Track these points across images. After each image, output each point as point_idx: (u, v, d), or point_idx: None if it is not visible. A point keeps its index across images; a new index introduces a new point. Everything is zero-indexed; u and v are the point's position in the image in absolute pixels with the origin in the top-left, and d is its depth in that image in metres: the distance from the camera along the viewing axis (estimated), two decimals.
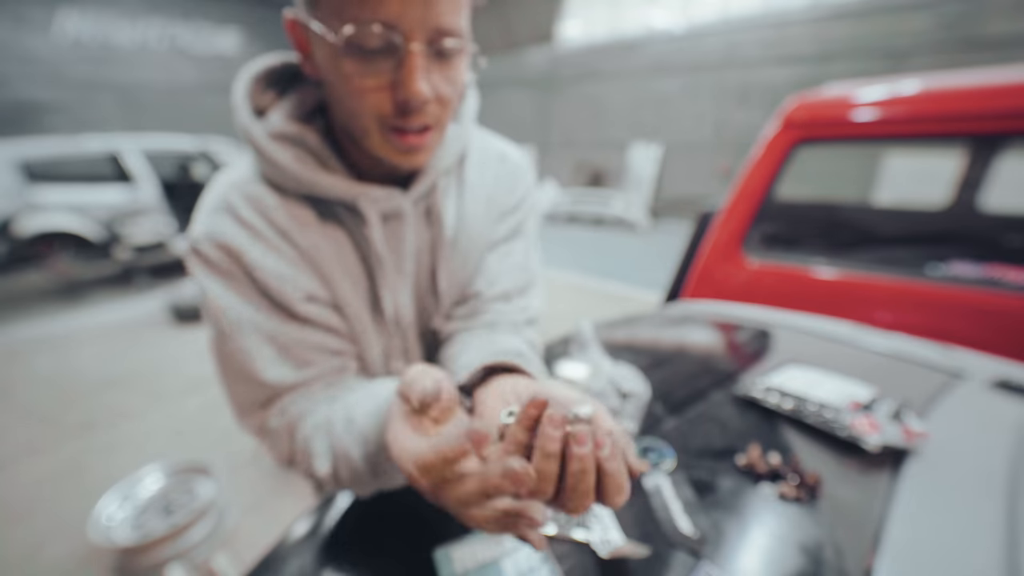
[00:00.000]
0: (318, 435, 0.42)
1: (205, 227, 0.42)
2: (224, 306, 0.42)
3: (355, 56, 0.35)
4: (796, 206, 1.91)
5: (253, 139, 0.41)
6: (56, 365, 2.81)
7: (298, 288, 0.43)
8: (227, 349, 0.43)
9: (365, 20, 0.33)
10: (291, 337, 0.44)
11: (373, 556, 0.44)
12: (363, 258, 0.47)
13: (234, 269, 0.42)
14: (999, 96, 1.02)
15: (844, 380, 0.67)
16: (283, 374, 0.43)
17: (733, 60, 6.32)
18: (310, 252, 0.44)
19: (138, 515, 1.52)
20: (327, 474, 0.41)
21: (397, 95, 0.36)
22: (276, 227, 0.43)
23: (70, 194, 3.62)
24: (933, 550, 0.43)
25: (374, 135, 0.39)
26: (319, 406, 0.44)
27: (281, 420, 0.44)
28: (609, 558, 0.42)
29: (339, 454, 0.40)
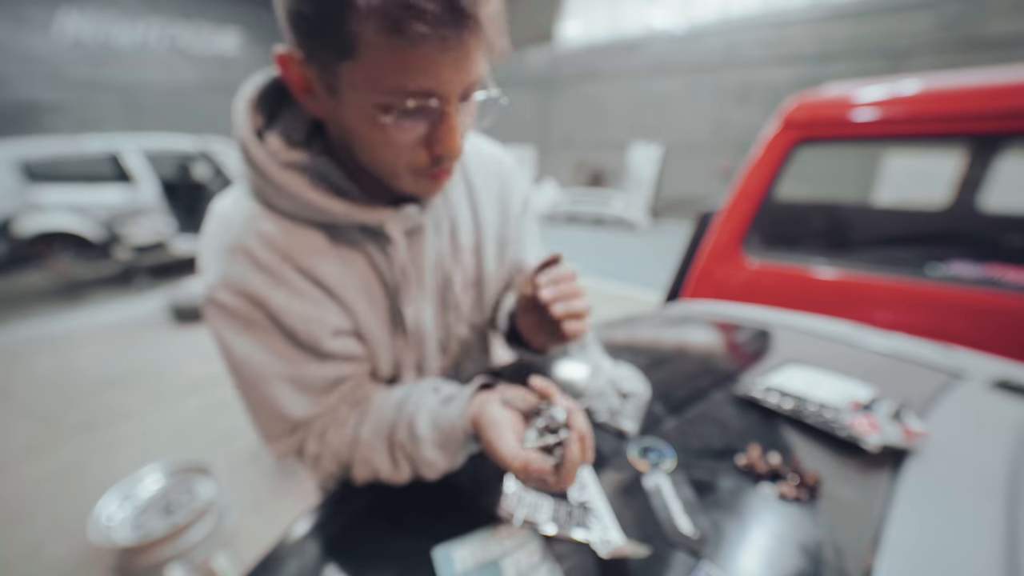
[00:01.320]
0: (375, 455, 0.48)
1: (222, 273, 0.41)
2: (245, 358, 0.43)
3: (387, 114, 0.35)
4: (796, 206, 1.91)
5: (266, 171, 0.40)
6: (56, 365, 2.81)
7: (325, 326, 0.45)
8: (254, 394, 0.46)
9: (406, 93, 0.34)
10: (313, 376, 0.46)
11: (373, 556, 0.44)
12: (380, 277, 0.48)
13: (256, 316, 0.42)
14: (999, 96, 1.02)
15: (844, 380, 0.67)
16: (308, 408, 0.47)
17: (733, 60, 6.33)
18: (329, 283, 0.45)
19: (138, 515, 1.52)
20: (398, 478, 0.48)
21: (434, 150, 0.38)
22: (295, 265, 0.43)
23: (70, 194, 3.62)
24: (933, 550, 0.43)
25: (405, 178, 0.40)
26: (347, 430, 0.49)
27: (320, 446, 0.49)
28: (609, 558, 0.42)
29: (415, 462, 0.47)
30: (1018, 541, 0.42)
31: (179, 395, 2.45)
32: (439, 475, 0.48)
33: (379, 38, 0.31)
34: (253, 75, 0.45)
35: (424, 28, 0.30)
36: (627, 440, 0.60)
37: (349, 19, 0.31)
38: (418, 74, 0.33)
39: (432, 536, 0.45)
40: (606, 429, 0.62)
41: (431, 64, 0.33)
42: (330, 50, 0.33)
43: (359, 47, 0.32)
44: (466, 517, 0.48)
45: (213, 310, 0.42)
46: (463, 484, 0.52)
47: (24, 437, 2.11)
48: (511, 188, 0.59)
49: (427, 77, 0.33)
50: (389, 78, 0.33)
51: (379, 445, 0.48)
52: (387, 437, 0.48)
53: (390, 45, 0.31)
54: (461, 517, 0.48)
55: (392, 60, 0.32)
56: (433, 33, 0.31)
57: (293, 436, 0.49)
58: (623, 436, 0.60)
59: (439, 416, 0.46)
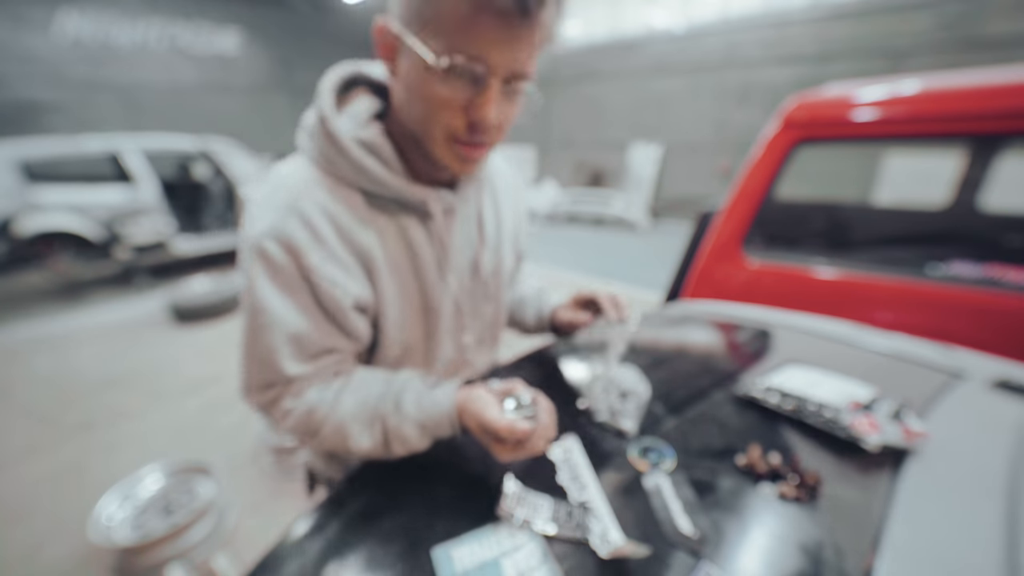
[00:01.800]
0: (354, 424, 0.51)
1: (272, 224, 0.47)
2: (265, 303, 0.48)
3: (443, 76, 0.41)
4: (796, 206, 1.91)
5: (342, 144, 0.48)
6: (56, 365, 2.81)
7: (348, 294, 0.50)
8: (258, 340, 0.49)
9: (463, 52, 0.39)
10: (315, 341, 0.51)
11: (372, 556, 0.44)
12: (409, 250, 0.54)
13: (291, 269, 0.47)
14: (999, 96, 1.02)
15: (844, 380, 0.67)
16: (300, 369, 0.51)
17: (733, 60, 6.31)
18: (364, 248, 0.51)
19: (138, 515, 1.52)
20: (367, 449, 0.52)
21: (470, 115, 0.43)
22: (337, 229, 0.49)
23: (70, 194, 3.62)
24: (933, 550, 0.43)
25: (439, 142, 0.46)
26: (329, 393, 0.52)
27: (297, 402, 0.52)
28: (609, 558, 0.42)
29: (394, 434, 0.51)
30: (1018, 541, 0.42)
31: (179, 395, 2.45)
32: (405, 453, 0.53)
33: (453, 6, 0.38)
34: (253, 71, 0.47)
35: (496, 6, 0.37)
36: (627, 440, 0.59)
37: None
38: (476, 42, 0.39)
39: (431, 536, 0.45)
40: (606, 429, 0.62)
41: (489, 36, 0.39)
42: (414, 16, 0.40)
43: (435, 13, 0.39)
44: (466, 517, 0.48)
45: (255, 255, 0.47)
46: (463, 484, 0.52)
47: (24, 437, 2.11)
48: (518, 191, 0.71)
49: (482, 45, 0.39)
50: (451, 36, 0.39)
51: (360, 414, 0.51)
52: (372, 407, 0.51)
53: (459, 13, 0.38)
54: (461, 517, 0.48)
55: (456, 25, 0.38)
56: (500, 11, 0.37)
57: (271, 390, 0.52)
58: (623, 436, 0.60)
59: (425, 396, 0.52)
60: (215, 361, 2.82)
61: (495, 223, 0.64)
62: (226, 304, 3.50)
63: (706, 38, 6.55)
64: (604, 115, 7.79)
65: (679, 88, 6.96)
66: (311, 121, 0.50)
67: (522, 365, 0.79)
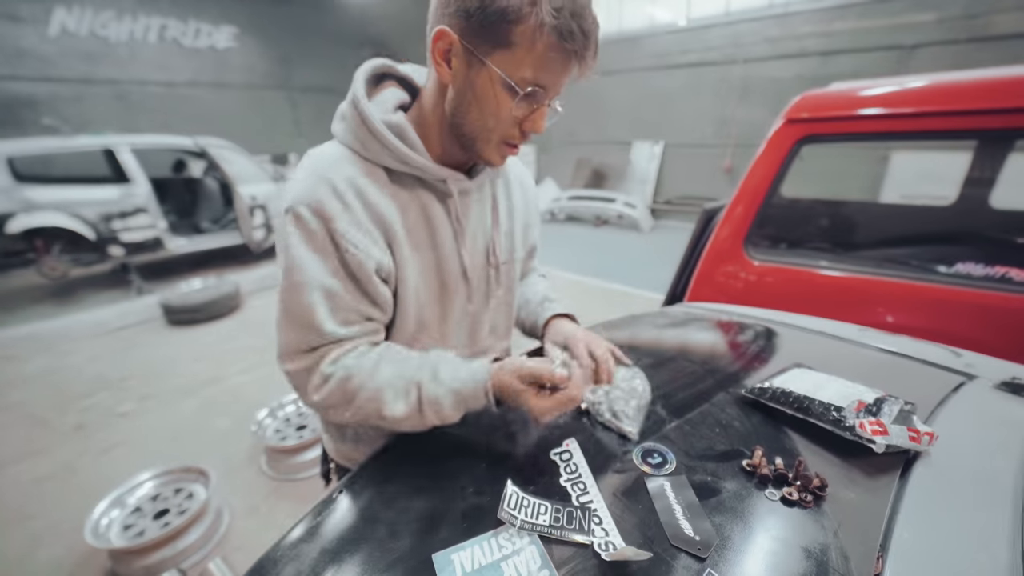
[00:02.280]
0: (390, 390, 0.54)
1: (304, 192, 0.52)
2: (300, 262, 0.52)
3: (513, 95, 0.49)
4: (800, 203, 1.90)
5: (371, 123, 0.53)
6: (51, 366, 2.79)
7: (371, 258, 0.54)
8: (294, 299, 0.53)
9: (535, 82, 0.49)
10: (347, 302, 0.55)
11: (372, 560, 0.43)
12: (429, 226, 0.59)
13: (321, 233, 0.52)
14: (1008, 91, 1.01)
15: (849, 381, 0.66)
16: (337, 328, 0.55)
17: (736, 56, 6.30)
18: (387, 220, 0.55)
19: (133, 518, 1.51)
20: (399, 416, 0.55)
21: (525, 126, 0.53)
22: (364, 201, 0.54)
23: (63, 192, 3.60)
24: (941, 553, 0.42)
25: (492, 144, 0.54)
26: (368, 362, 0.56)
27: (336, 367, 0.55)
28: (610, 561, 0.42)
29: (428, 400, 0.54)
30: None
31: (175, 397, 2.43)
32: (438, 422, 0.56)
33: (539, 45, 0.46)
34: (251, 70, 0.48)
35: (570, 49, 0.46)
36: (629, 442, 0.59)
37: (522, 27, 0.45)
38: (547, 72, 0.48)
39: (432, 540, 0.45)
40: (609, 429, 0.62)
41: (557, 71, 0.49)
42: (492, 39, 0.47)
43: (517, 45, 0.47)
44: (466, 521, 0.47)
45: (290, 219, 0.52)
46: (463, 488, 0.52)
47: (19, 439, 2.09)
48: (529, 185, 0.77)
49: (550, 75, 0.49)
50: (528, 71, 0.48)
51: (397, 381, 0.55)
52: (409, 376, 0.55)
53: (543, 52, 0.47)
54: (461, 521, 0.47)
55: (538, 60, 0.47)
56: (570, 52, 0.47)
57: (311, 355, 0.55)
58: (625, 437, 0.60)
59: (461, 366, 0.56)
60: (211, 362, 2.80)
61: (507, 211, 0.69)
62: (217, 306, 3.47)
63: (708, 34, 6.54)
64: (605, 113, 7.77)
65: (681, 85, 6.95)
66: (344, 106, 0.56)
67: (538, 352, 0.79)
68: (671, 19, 6.93)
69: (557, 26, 0.45)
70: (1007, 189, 1.53)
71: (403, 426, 0.56)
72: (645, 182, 7.34)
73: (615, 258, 5.25)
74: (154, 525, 1.46)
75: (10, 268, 3.68)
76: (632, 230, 6.64)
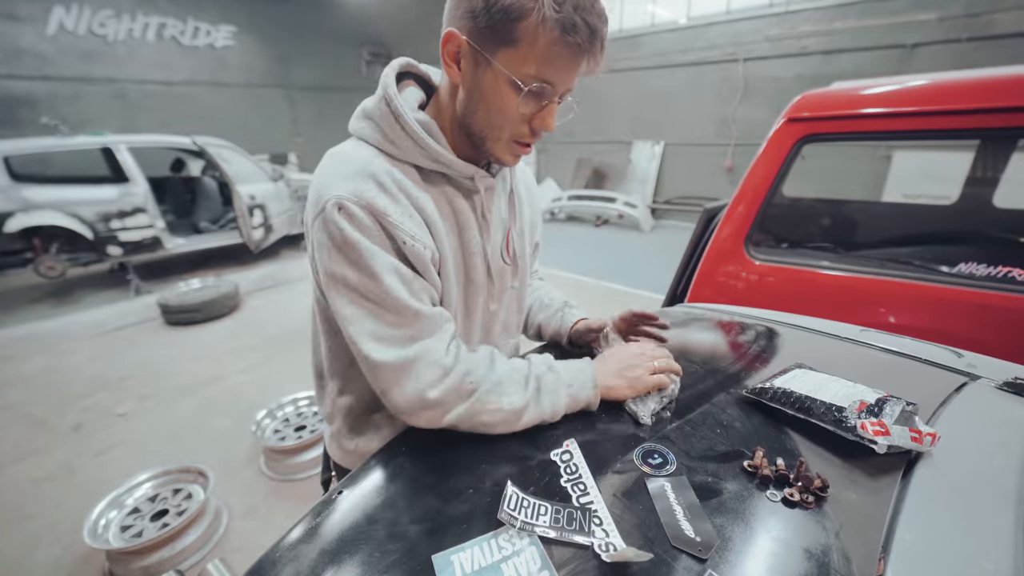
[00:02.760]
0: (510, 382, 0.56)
1: (351, 189, 0.51)
2: (375, 251, 0.51)
3: (522, 95, 0.49)
4: (802, 203, 1.89)
5: (405, 121, 0.53)
6: (49, 366, 2.79)
7: (427, 247, 0.55)
8: (375, 287, 0.51)
9: (542, 79, 0.48)
10: (419, 284, 0.55)
11: (372, 561, 0.43)
12: (456, 221, 0.60)
13: (374, 226, 0.52)
14: (1010, 90, 1.01)
15: (851, 382, 0.66)
16: (420, 305, 0.54)
17: (737, 55, 6.29)
18: (427, 213, 0.56)
19: (132, 518, 1.50)
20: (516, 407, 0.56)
21: (535, 124, 0.53)
22: (406, 194, 0.54)
23: (61, 191, 3.59)
24: (944, 555, 0.42)
25: (502, 143, 0.54)
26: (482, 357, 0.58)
27: (453, 358, 0.54)
28: (611, 562, 0.41)
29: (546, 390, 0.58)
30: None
31: (174, 397, 2.43)
32: (549, 415, 0.58)
33: (542, 40, 0.46)
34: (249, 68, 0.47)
35: (574, 44, 0.46)
36: (630, 443, 0.59)
37: (525, 23, 0.45)
38: (552, 70, 0.48)
39: (432, 541, 0.44)
40: (625, 409, 0.63)
41: (563, 66, 0.48)
42: (497, 38, 0.47)
43: (521, 42, 0.46)
44: (466, 522, 0.47)
45: (344, 215, 0.50)
46: (463, 489, 0.51)
47: (17, 439, 2.09)
48: (533, 184, 0.78)
49: (556, 73, 0.48)
50: (533, 65, 0.47)
51: (515, 376, 0.57)
52: (523, 372, 0.58)
53: (546, 47, 0.46)
54: (461, 522, 0.47)
55: (542, 56, 0.47)
56: (576, 48, 0.46)
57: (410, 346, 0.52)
58: (638, 423, 0.61)
59: (566, 363, 0.61)
60: (210, 362, 2.80)
61: (517, 209, 0.70)
62: (216, 306, 3.46)
63: (709, 32, 6.53)
64: (605, 112, 7.77)
65: (681, 84, 6.94)
66: (372, 106, 0.56)
67: (546, 351, 0.80)
68: (672, 18, 6.93)
69: (560, 20, 0.44)
70: (1010, 188, 1.53)
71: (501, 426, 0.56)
72: (645, 182, 7.34)
73: (615, 258, 5.25)
74: (152, 526, 1.46)
75: (8, 268, 3.67)
76: (632, 230, 6.64)
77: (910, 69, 5.05)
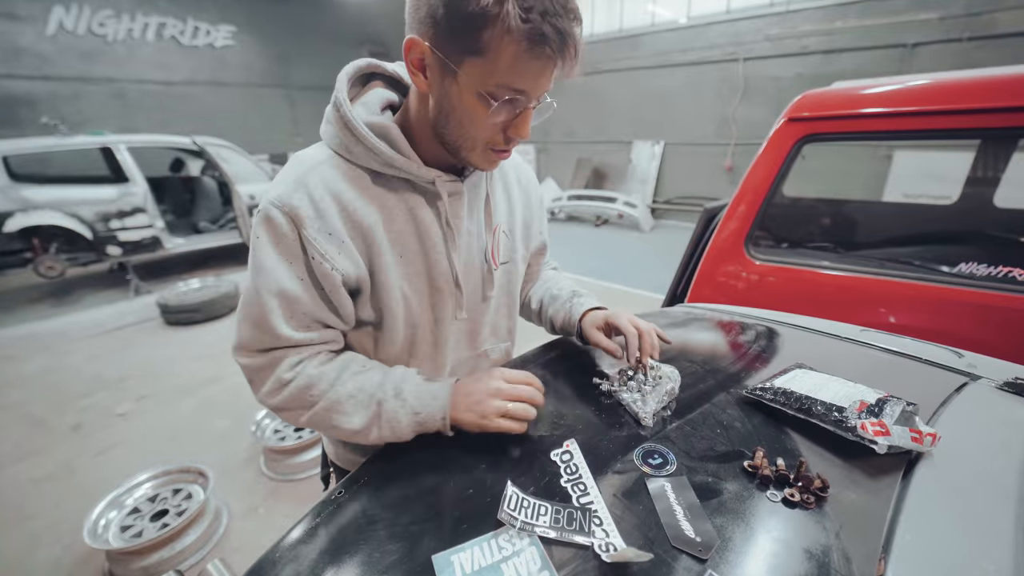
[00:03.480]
0: (350, 402, 0.54)
1: (281, 194, 0.51)
2: (264, 264, 0.52)
3: (486, 102, 0.47)
4: (802, 203, 1.89)
5: (354, 126, 0.52)
6: (49, 366, 2.79)
7: (337, 269, 0.53)
8: (254, 299, 0.53)
9: (511, 87, 0.46)
10: (307, 310, 0.54)
11: (371, 562, 0.43)
12: (417, 231, 0.58)
13: (291, 237, 0.52)
14: (1011, 90, 1.01)
15: (851, 382, 0.66)
16: (292, 333, 0.54)
17: (737, 55, 6.29)
18: (366, 225, 0.54)
19: (132, 518, 1.50)
20: (355, 429, 0.55)
21: (509, 132, 0.51)
22: (341, 207, 0.53)
23: (60, 191, 3.59)
24: (944, 555, 0.42)
25: (477, 151, 0.53)
26: (331, 372, 0.55)
27: (295, 373, 0.54)
28: (611, 563, 0.41)
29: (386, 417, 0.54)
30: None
31: (173, 397, 2.43)
32: (391, 439, 0.56)
33: (508, 51, 0.43)
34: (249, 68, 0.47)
35: (544, 50, 0.43)
36: (630, 443, 0.58)
37: (489, 32, 0.42)
38: (523, 77, 0.45)
39: (432, 541, 0.44)
40: (627, 410, 0.63)
41: (534, 74, 0.45)
42: (461, 47, 0.44)
43: (487, 51, 0.44)
44: (466, 522, 0.47)
45: (262, 219, 0.52)
46: (463, 489, 0.51)
47: (17, 439, 2.09)
48: (531, 183, 0.75)
49: (527, 80, 0.46)
50: (501, 76, 0.45)
51: (360, 396, 0.55)
52: (370, 392, 0.55)
53: (513, 57, 0.44)
54: (461, 522, 0.47)
55: (509, 67, 0.44)
56: (547, 53, 0.43)
57: (265, 355, 0.55)
58: (639, 423, 0.61)
59: (423, 386, 0.56)
60: (210, 362, 2.80)
61: (507, 211, 0.68)
62: (216, 306, 3.46)
63: (709, 32, 6.52)
64: (605, 112, 7.77)
65: (681, 83, 6.93)
66: (328, 109, 0.55)
67: (544, 352, 0.80)
68: (672, 17, 6.92)
69: (528, 30, 0.41)
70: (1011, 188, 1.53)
71: (355, 439, 0.56)
72: (646, 181, 7.33)
73: (615, 258, 5.24)
74: (152, 526, 1.46)
75: (7, 267, 3.67)
76: (632, 230, 6.64)
77: (911, 69, 5.05)
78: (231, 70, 6.72)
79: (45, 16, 5.22)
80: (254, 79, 6.97)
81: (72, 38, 5.44)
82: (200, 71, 6.45)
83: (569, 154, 8.37)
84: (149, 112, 6.06)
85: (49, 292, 4.01)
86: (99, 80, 5.69)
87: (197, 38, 6.37)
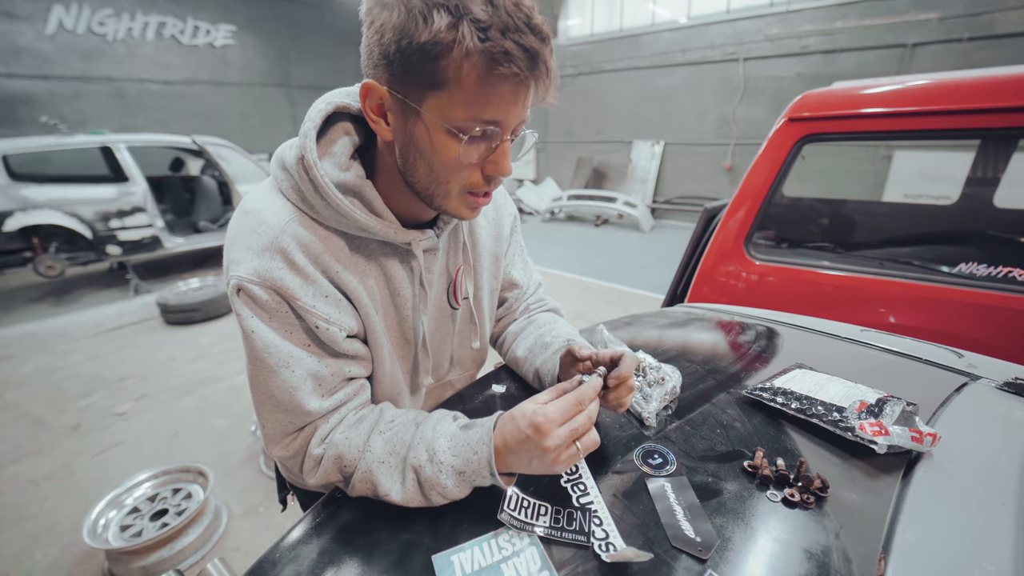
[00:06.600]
0: (382, 469, 0.48)
1: (255, 268, 0.45)
2: (271, 344, 0.47)
3: (456, 138, 0.42)
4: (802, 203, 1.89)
5: (326, 192, 0.46)
6: (48, 365, 2.78)
7: (343, 329, 0.50)
8: (269, 382, 0.48)
9: (480, 120, 0.41)
10: (328, 371, 0.50)
11: (371, 562, 0.43)
12: (390, 288, 0.55)
13: (283, 309, 0.47)
14: (1011, 90, 1.01)
15: (851, 382, 0.66)
16: (320, 404, 0.50)
17: (737, 54, 6.29)
18: (348, 289, 0.50)
19: (131, 518, 1.50)
20: (398, 501, 0.47)
21: (487, 170, 0.45)
22: (322, 269, 0.48)
23: (60, 191, 3.59)
24: (944, 555, 0.42)
25: (453, 198, 0.47)
26: (358, 437, 0.50)
27: (325, 447, 0.50)
28: (611, 563, 0.41)
29: (428, 485, 0.46)
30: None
31: (173, 396, 2.42)
32: (445, 502, 0.47)
33: (470, 77, 0.39)
34: (249, 67, 0.46)
35: (511, 74, 0.38)
36: (631, 442, 0.58)
37: (447, 61, 0.38)
38: (493, 107, 0.41)
39: (432, 542, 0.44)
40: (630, 410, 0.63)
41: (505, 101, 0.40)
42: (421, 83, 0.40)
43: (449, 82, 0.39)
44: (466, 522, 0.47)
45: (244, 299, 0.46)
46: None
47: (16, 439, 2.08)
48: (502, 212, 0.69)
49: (499, 110, 0.41)
50: (469, 107, 0.40)
51: (391, 460, 0.48)
52: (402, 456, 0.48)
53: (478, 83, 0.39)
54: (461, 522, 0.47)
55: (475, 95, 0.40)
56: (515, 78, 0.39)
57: (298, 437, 0.51)
58: (641, 423, 0.61)
59: (459, 440, 0.47)
60: (210, 362, 2.80)
61: (472, 246, 0.64)
62: (215, 305, 3.46)
63: (709, 32, 6.52)
64: (605, 112, 7.77)
65: (681, 83, 6.93)
66: (290, 160, 0.47)
67: None
68: (672, 17, 6.92)
69: (488, 50, 0.37)
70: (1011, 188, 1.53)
71: (409, 505, 0.48)
72: (646, 181, 7.34)
73: (615, 258, 5.24)
74: (152, 525, 1.46)
75: (7, 267, 3.67)
76: (632, 230, 6.64)
77: (911, 69, 5.05)
78: (231, 69, 6.71)
79: (45, 15, 5.21)
80: (254, 78, 6.97)
81: (72, 37, 5.43)
82: (200, 70, 6.44)
83: (569, 154, 8.36)
84: (149, 111, 6.05)
85: (49, 291, 4.01)
86: (99, 79, 5.68)
87: (197, 37, 6.36)
